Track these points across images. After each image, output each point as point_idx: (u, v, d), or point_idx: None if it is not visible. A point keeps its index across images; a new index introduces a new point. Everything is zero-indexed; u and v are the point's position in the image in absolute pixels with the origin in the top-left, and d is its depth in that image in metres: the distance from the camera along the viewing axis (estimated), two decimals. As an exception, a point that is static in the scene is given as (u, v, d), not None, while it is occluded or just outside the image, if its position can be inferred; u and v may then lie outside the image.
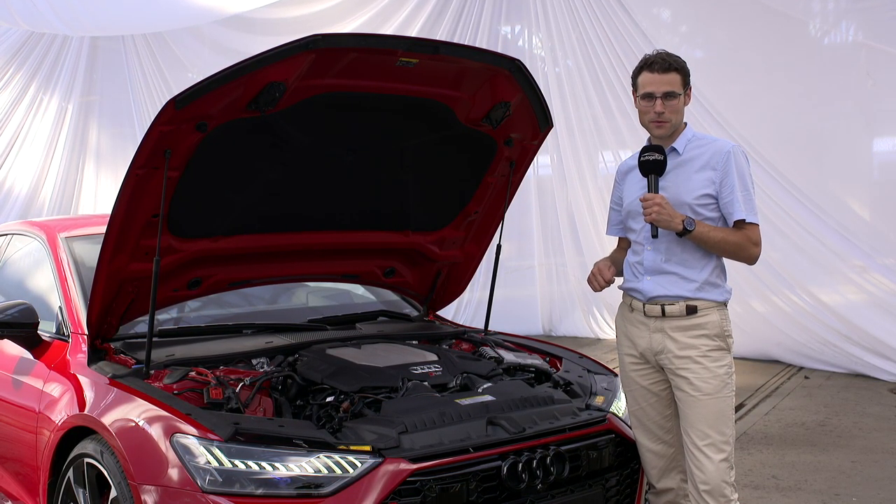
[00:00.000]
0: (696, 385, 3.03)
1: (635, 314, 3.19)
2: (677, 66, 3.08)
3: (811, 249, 8.09)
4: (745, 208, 3.03)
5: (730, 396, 3.06)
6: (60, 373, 3.28)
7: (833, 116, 8.14)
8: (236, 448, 2.59)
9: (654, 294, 3.11)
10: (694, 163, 3.09)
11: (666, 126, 3.10)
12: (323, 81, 2.99)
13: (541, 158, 9.90)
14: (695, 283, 3.07)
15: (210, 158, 3.01)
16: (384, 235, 3.86)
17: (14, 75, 13.08)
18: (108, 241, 3.04)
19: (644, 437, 3.23)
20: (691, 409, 3.04)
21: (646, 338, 3.14)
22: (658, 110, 3.07)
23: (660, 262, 3.12)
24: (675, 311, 3.07)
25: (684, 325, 3.06)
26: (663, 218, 3.01)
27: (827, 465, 5.12)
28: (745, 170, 3.08)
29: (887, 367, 7.63)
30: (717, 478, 2.99)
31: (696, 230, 3.01)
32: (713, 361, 3.04)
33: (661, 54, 3.12)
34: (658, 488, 3.25)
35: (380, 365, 3.25)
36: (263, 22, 11.42)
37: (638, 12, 9.00)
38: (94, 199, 13.22)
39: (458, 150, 3.61)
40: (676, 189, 3.09)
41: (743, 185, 3.05)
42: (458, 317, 9.62)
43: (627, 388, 3.28)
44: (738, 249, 3.06)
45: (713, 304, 3.08)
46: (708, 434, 3.01)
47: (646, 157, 3.08)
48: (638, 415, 3.24)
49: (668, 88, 3.06)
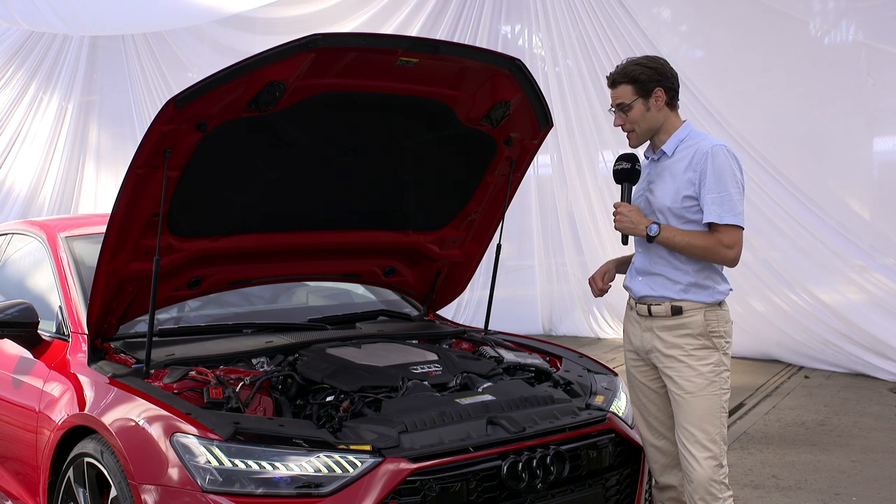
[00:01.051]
0: (679, 384, 3.06)
1: (632, 312, 3.24)
2: (626, 78, 3.07)
3: (811, 249, 8.09)
4: (718, 210, 2.99)
5: (716, 395, 3.04)
6: (60, 372, 3.28)
7: (833, 116, 8.14)
8: (236, 447, 2.59)
9: (642, 294, 3.15)
10: (680, 164, 3.09)
11: (633, 136, 3.15)
12: (323, 81, 2.99)
13: (541, 158, 9.90)
14: (680, 284, 3.08)
15: (210, 158, 3.01)
16: (384, 235, 3.85)
17: (14, 75, 13.09)
18: (108, 240, 3.04)
19: (647, 433, 3.26)
20: (678, 408, 3.08)
21: (638, 335, 3.19)
22: (616, 124, 3.16)
23: (648, 263, 3.15)
24: (661, 311, 3.09)
25: (669, 325, 3.08)
26: (626, 226, 3.10)
27: (827, 465, 5.12)
28: (725, 169, 3.01)
29: (887, 366, 7.63)
30: (704, 476, 2.99)
31: (661, 235, 3.03)
32: (697, 360, 3.05)
33: (616, 68, 3.14)
34: (660, 484, 3.28)
35: (380, 364, 3.25)
36: (263, 21, 11.42)
37: (638, 12, 9.00)
38: (94, 198, 13.23)
39: (459, 149, 3.61)
40: (659, 193, 3.11)
41: (720, 185, 2.99)
42: (458, 316, 9.62)
43: (630, 384, 3.32)
44: (707, 253, 3.03)
45: (700, 305, 3.07)
46: (692, 432, 3.03)
47: (616, 167, 3.17)
48: (640, 410, 3.28)
49: (618, 101, 3.11)
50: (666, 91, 3.09)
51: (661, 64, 3.13)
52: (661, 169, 3.14)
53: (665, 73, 3.10)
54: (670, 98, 3.12)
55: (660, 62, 3.13)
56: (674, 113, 3.15)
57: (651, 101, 3.08)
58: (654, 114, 3.10)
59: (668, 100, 3.11)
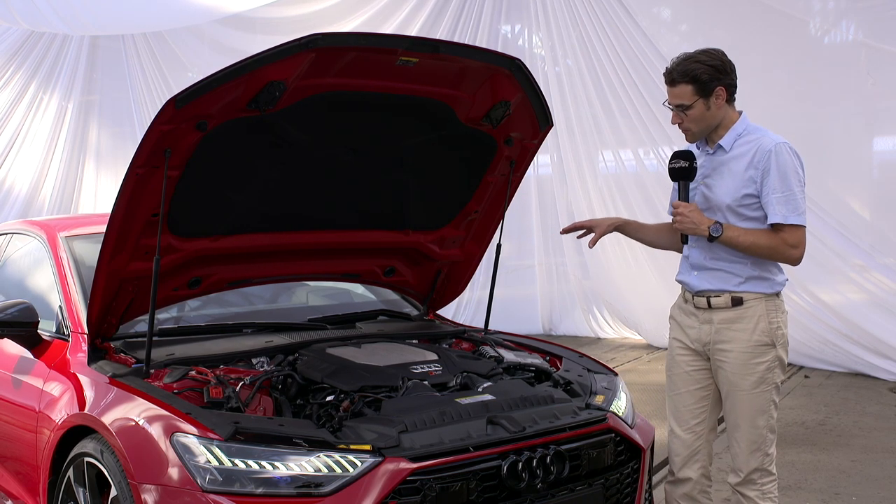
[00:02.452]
0: (732, 381, 3.11)
1: (688, 305, 3.24)
2: (687, 78, 3.01)
3: (811, 248, 8.00)
4: (783, 210, 2.99)
5: (767, 391, 3.10)
6: (60, 372, 3.28)
7: (833, 116, 8.14)
8: (236, 447, 2.58)
9: (700, 287, 3.16)
10: (741, 160, 3.06)
11: (689, 134, 3.14)
12: (323, 80, 2.99)
13: (541, 158, 9.90)
14: (739, 278, 3.10)
15: (210, 157, 3.01)
16: (384, 235, 3.85)
17: (14, 74, 13.09)
18: (108, 240, 3.04)
19: (675, 424, 3.29)
20: (728, 401, 3.14)
21: (696, 328, 3.20)
22: (673, 122, 3.12)
23: (704, 259, 3.15)
24: (721, 303, 3.11)
25: (730, 317, 3.10)
26: (688, 226, 3.08)
27: (827, 465, 5.12)
28: (789, 168, 2.99)
29: (887, 366, 7.63)
30: (748, 465, 3.12)
31: (724, 235, 3.02)
32: (753, 358, 3.09)
33: (672, 64, 3.07)
34: (678, 477, 3.29)
35: (380, 364, 3.25)
36: (263, 21, 11.43)
37: (638, 11, 9.00)
38: (94, 198, 13.23)
39: (458, 149, 3.61)
40: (718, 190, 3.09)
41: (784, 184, 2.98)
42: (458, 316, 9.63)
43: (670, 372, 3.33)
44: (772, 253, 3.05)
45: (760, 295, 3.10)
46: (740, 425, 3.12)
47: (673, 165, 3.12)
48: (675, 399, 3.30)
49: (678, 101, 3.06)
50: (727, 88, 3.05)
51: (722, 60, 3.05)
52: (717, 163, 3.10)
53: (725, 70, 3.04)
54: (730, 94, 3.07)
55: (720, 57, 3.06)
56: (730, 106, 3.11)
57: (711, 99, 3.04)
58: (714, 112, 3.06)
59: (728, 96, 3.07)
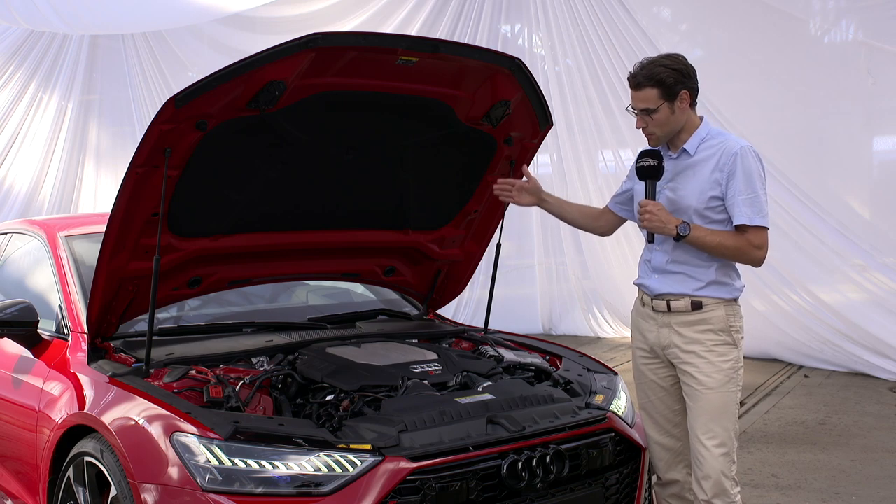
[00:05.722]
0: (699, 379, 3.07)
1: (646, 308, 3.24)
2: (652, 81, 3.01)
3: (811, 248, 8.09)
4: (749, 212, 3.00)
5: (733, 392, 3.08)
6: (60, 371, 3.28)
7: (833, 115, 8.14)
8: (236, 447, 2.58)
9: (660, 291, 3.15)
10: (706, 164, 3.06)
11: (653, 139, 3.12)
12: (323, 80, 2.99)
13: (541, 157, 9.90)
14: (700, 282, 3.10)
15: (210, 157, 3.01)
16: (384, 234, 3.85)
17: (14, 74, 13.06)
18: (107, 239, 3.04)
19: (653, 430, 3.27)
20: (695, 403, 3.09)
21: (654, 332, 3.19)
22: (637, 126, 3.12)
23: (666, 262, 3.14)
24: (681, 306, 3.10)
25: (690, 321, 3.09)
26: (655, 225, 3.06)
27: (827, 464, 5.12)
28: (754, 170, 3.02)
29: (887, 365, 7.63)
30: (718, 471, 3.03)
31: (691, 235, 3.02)
32: (718, 356, 3.07)
33: (636, 68, 3.06)
34: (664, 480, 3.29)
35: (380, 364, 3.25)
36: (263, 20, 11.41)
37: (638, 11, 9.00)
38: (94, 197, 13.21)
39: (458, 148, 3.61)
40: (684, 192, 3.09)
41: (749, 187, 3.00)
42: (457, 315, 9.61)
43: (638, 382, 3.32)
44: (738, 253, 3.06)
45: (719, 300, 3.10)
46: (710, 427, 3.05)
47: (641, 163, 3.10)
48: (647, 408, 3.28)
49: (643, 105, 3.05)
50: (690, 92, 3.05)
51: (685, 64, 3.07)
52: (681, 167, 3.11)
53: (689, 74, 3.05)
54: (693, 99, 3.08)
55: (683, 62, 3.07)
56: (693, 111, 3.12)
57: (676, 103, 3.04)
58: (679, 116, 3.06)
59: (691, 101, 3.08)
